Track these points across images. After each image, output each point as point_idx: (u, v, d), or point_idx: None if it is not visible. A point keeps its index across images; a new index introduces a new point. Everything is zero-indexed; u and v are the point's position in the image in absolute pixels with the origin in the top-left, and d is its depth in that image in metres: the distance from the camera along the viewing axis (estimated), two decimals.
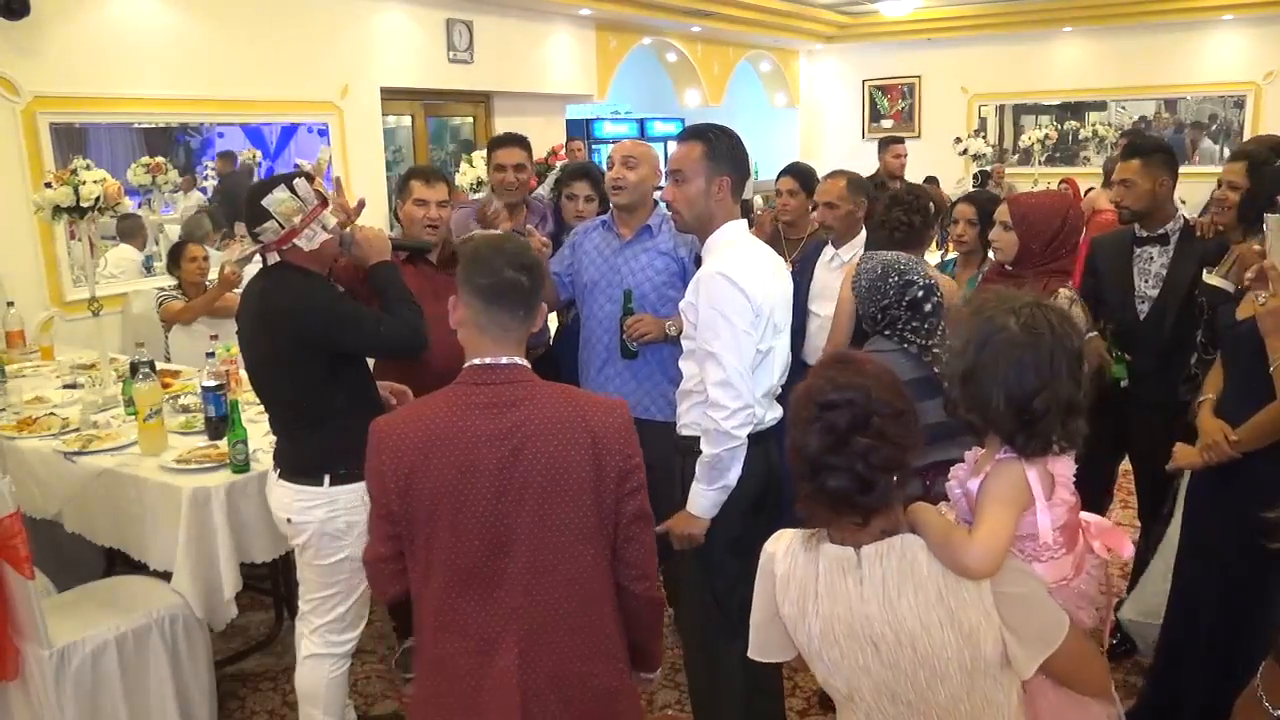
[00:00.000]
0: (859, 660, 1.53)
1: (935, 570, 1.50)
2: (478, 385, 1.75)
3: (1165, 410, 3.10)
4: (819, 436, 1.50)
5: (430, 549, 1.74)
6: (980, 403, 1.63)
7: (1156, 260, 3.16)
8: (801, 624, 1.58)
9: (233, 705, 3.25)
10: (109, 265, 5.68)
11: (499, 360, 1.76)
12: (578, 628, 1.79)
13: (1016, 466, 1.63)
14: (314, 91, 6.65)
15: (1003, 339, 1.61)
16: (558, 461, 1.73)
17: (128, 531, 3.01)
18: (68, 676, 2.61)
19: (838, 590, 1.53)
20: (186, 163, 6.62)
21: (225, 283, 4.69)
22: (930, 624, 1.48)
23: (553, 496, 1.73)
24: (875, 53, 12.78)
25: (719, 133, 2.50)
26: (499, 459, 1.71)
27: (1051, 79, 11.85)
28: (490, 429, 1.72)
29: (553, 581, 1.75)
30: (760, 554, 1.68)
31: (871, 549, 1.53)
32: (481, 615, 1.74)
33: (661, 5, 9.04)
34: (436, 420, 1.74)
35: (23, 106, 5.06)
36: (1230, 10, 10.49)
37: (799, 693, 3.27)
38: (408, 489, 1.72)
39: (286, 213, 2.43)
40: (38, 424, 3.40)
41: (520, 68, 8.51)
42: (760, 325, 2.41)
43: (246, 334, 2.60)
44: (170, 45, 5.76)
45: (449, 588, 1.74)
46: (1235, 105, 11.21)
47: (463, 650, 1.75)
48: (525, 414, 1.73)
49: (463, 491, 1.71)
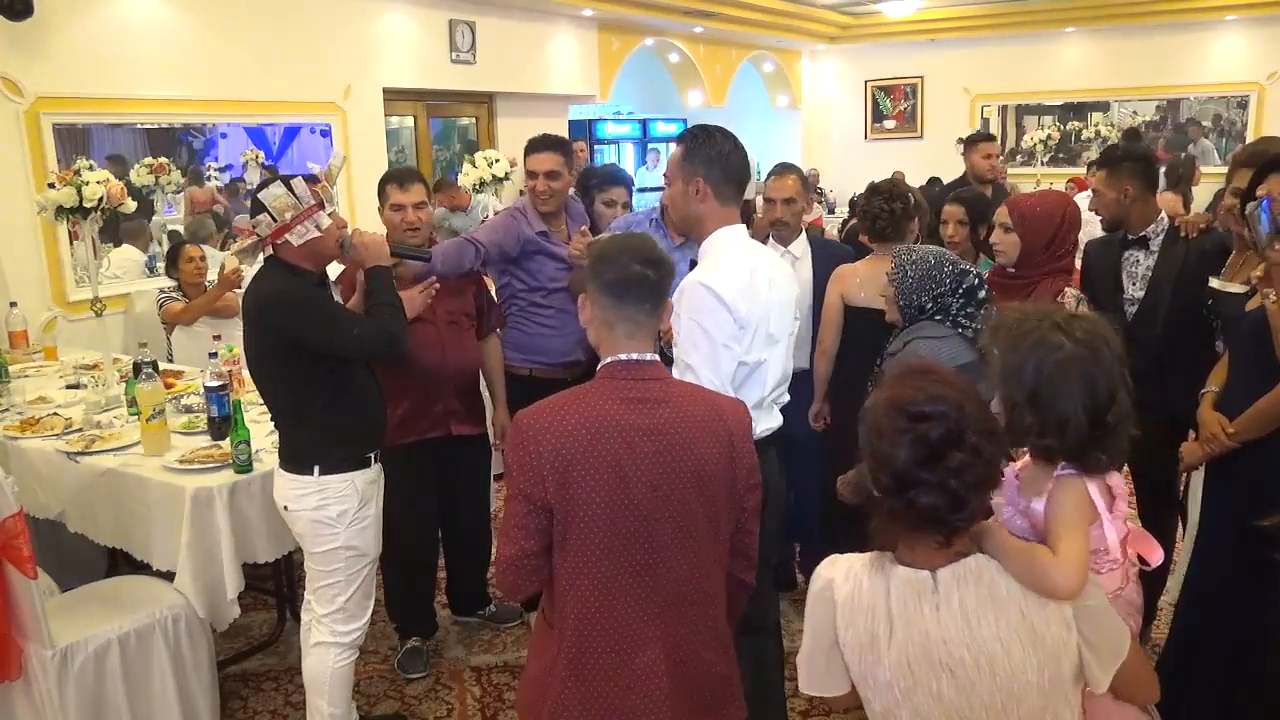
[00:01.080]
0: (932, 688, 1.46)
1: (1015, 591, 1.46)
2: (626, 380, 1.77)
3: (1159, 414, 3.10)
4: (910, 449, 1.43)
5: (586, 542, 1.73)
6: (1058, 425, 1.62)
7: (1142, 263, 3.17)
8: (869, 652, 1.49)
9: (235, 705, 3.25)
10: (112, 266, 5.70)
11: (643, 356, 1.79)
12: (704, 619, 1.84)
13: (1079, 483, 1.63)
14: (317, 92, 6.66)
15: (1063, 358, 1.62)
16: (703, 459, 1.76)
17: (130, 531, 3.01)
18: (70, 676, 2.62)
19: (912, 616, 1.46)
20: (189, 163, 6.63)
21: (226, 282, 4.70)
22: (1012, 646, 1.44)
23: (696, 492, 1.76)
24: (878, 53, 12.78)
25: (700, 134, 2.44)
26: (653, 453, 1.73)
27: (1054, 79, 11.84)
28: (645, 423, 1.73)
29: (693, 577, 1.79)
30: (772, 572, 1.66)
31: (948, 572, 1.47)
32: (633, 611, 1.75)
33: (664, 6, 9.04)
34: (594, 412, 1.73)
35: (26, 107, 5.07)
36: (1233, 10, 10.47)
37: (801, 695, 3.26)
38: (567, 479, 1.70)
39: (280, 208, 2.48)
40: (41, 424, 3.41)
41: (523, 68, 8.51)
42: (746, 338, 2.34)
43: (243, 328, 2.66)
44: (173, 46, 5.77)
45: (604, 582, 1.74)
46: (1239, 106, 11.19)
47: (606, 648, 1.75)
48: (672, 411, 1.76)
49: (622, 483, 1.71)
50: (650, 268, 1.78)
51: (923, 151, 11.85)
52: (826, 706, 3.18)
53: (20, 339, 4.67)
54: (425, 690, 3.32)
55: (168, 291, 4.85)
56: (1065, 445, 1.64)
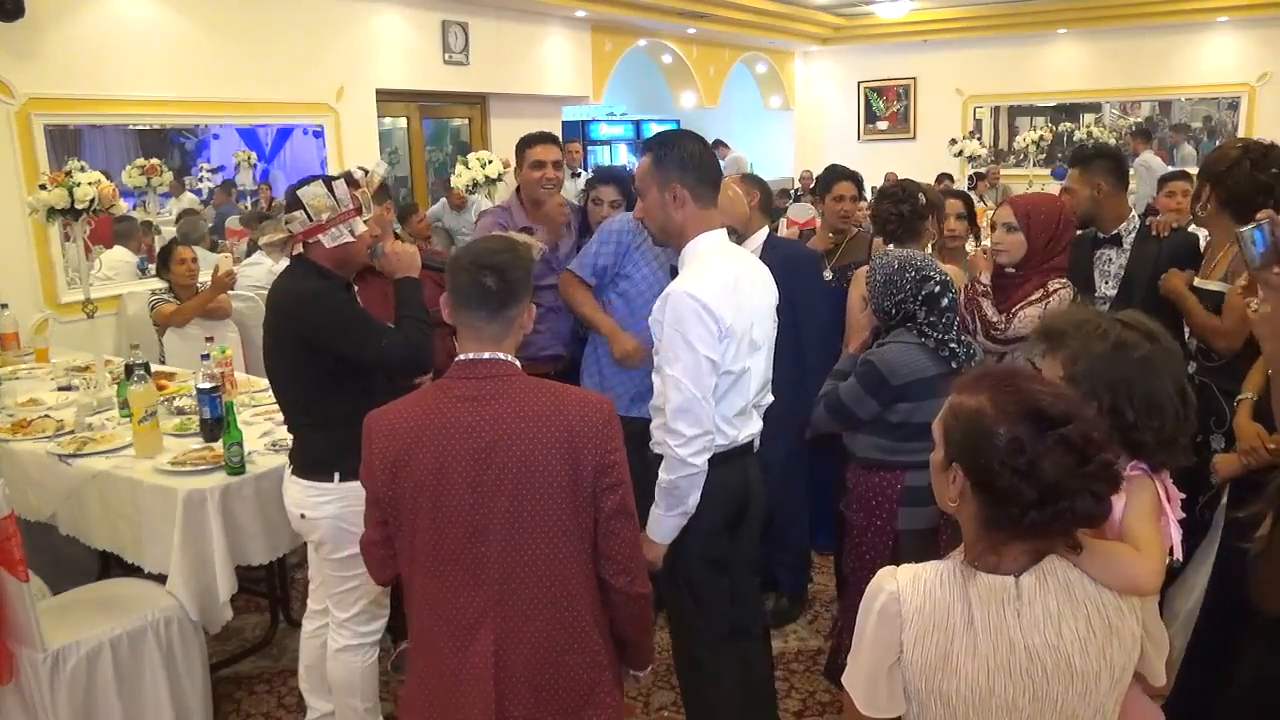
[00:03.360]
0: (1008, 698, 1.41)
1: (1091, 589, 1.45)
2: (460, 379, 1.82)
3: None
4: (1060, 453, 1.35)
5: (414, 535, 1.81)
6: (1157, 424, 1.63)
7: (1115, 261, 3.19)
8: (941, 669, 1.41)
9: (228, 708, 3.25)
10: (103, 267, 5.68)
11: (480, 355, 1.82)
12: (554, 619, 1.81)
13: (1149, 482, 1.64)
14: (309, 93, 6.65)
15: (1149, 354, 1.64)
16: (531, 456, 1.76)
17: (123, 534, 3.00)
18: (62, 679, 2.60)
19: (996, 625, 1.40)
20: (182, 165, 6.62)
21: (219, 284, 4.69)
22: (1090, 646, 1.43)
23: (526, 489, 1.77)
24: (871, 54, 12.82)
25: (666, 140, 2.40)
26: (474, 449, 1.76)
27: (1046, 81, 11.89)
28: (468, 420, 1.77)
29: (528, 572, 1.79)
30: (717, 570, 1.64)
31: (1030, 575, 1.42)
32: (461, 600, 1.80)
33: (657, 7, 9.05)
34: (422, 412, 1.81)
35: (17, 108, 5.06)
36: (1225, 12, 10.53)
37: (795, 694, 3.27)
38: (394, 477, 1.79)
39: (318, 207, 2.47)
40: (32, 426, 3.39)
41: (516, 69, 8.51)
42: (731, 346, 2.30)
43: (265, 325, 2.62)
44: (165, 47, 5.76)
45: (432, 572, 1.81)
46: (1229, 107, 11.25)
47: (446, 634, 1.82)
48: (501, 408, 1.78)
49: (442, 480, 1.77)
50: (489, 275, 1.80)
51: (915, 152, 11.89)
52: (821, 708, 3.20)
53: (11, 341, 4.65)
54: None
55: (159, 293, 4.83)
56: (1159, 440, 1.64)
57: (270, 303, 2.57)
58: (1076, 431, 1.36)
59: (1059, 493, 1.35)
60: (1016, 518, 1.36)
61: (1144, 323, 1.72)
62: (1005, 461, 1.35)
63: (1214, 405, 2.75)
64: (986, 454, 1.37)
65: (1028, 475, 1.34)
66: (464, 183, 7.00)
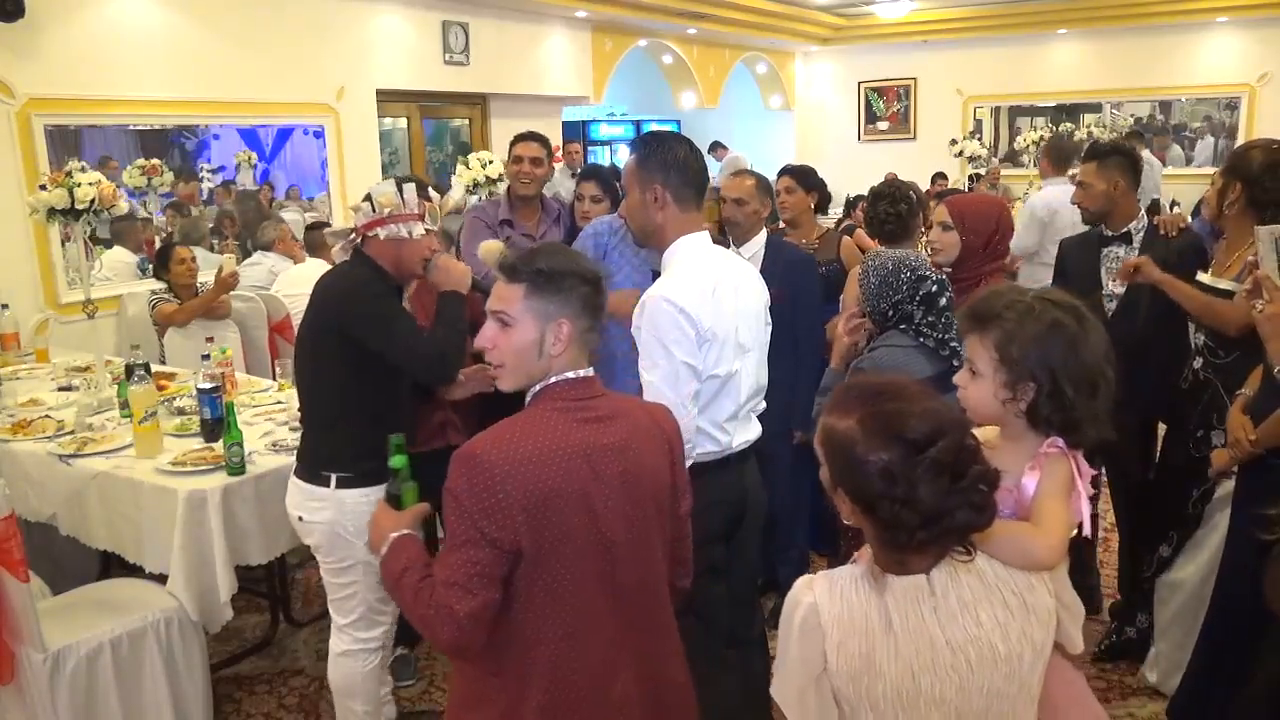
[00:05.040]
0: (936, 693, 1.42)
1: (1002, 570, 1.47)
2: (578, 400, 1.67)
3: (1133, 408, 3.12)
4: (932, 477, 1.35)
5: (555, 581, 1.60)
6: (1092, 400, 1.64)
7: (1123, 259, 3.18)
8: (866, 674, 1.41)
9: (228, 708, 3.25)
10: (103, 268, 5.68)
11: (589, 372, 1.71)
12: (667, 638, 1.79)
13: (1064, 460, 1.65)
14: (310, 93, 6.65)
15: (1077, 333, 1.64)
16: (657, 470, 1.71)
17: (123, 534, 3.00)
18: (62, 680, 2.61)
19: (915, 624, 1.41)
20: (183, 165, 6.61)
21: (223, 285, 4.68)
22: (1010, 628, 1.44)
23: (658, 507, 1.71)
24: (871, 55, 12.82)
25: (654, 140, 2.39)
26: (623, 473, 1.65)
27: (1046, 81, 11.88)
28: (608, 442, 1.65)
29: (653, 596, 1.74)
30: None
31: (940, 571, 1.44)
32: (605, 644, 1.66)
33: (657, 7, 9.04)
34: (560, 439, 1.61)
35: (17, 108, 5.06)
36: (1225, 12, 10.53)
37: None
38: (539, 517, 1.56)
39: (383, 202, 2.52)
40: (33, 426, 3.39)
41: (516, 70, 8.51)
42: (714, 350, 2.27)
43: (305, 313, 2.66)
44: (166, 47, 5.76)
45: (577, 622, 1.62)
46: (1229, 107, 11.25)
47: (582, 688, 1.64)
48: (623, 425, 1.69)
49: (593, 512, 1.61)
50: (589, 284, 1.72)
51: (916, 153, 11.89)
52: None
53: (11, 341, 4.65)
54: (418, 694, 3.32)
55: (159, 293, 4.83)
56: (1091, 415, 1.64)
57: (316, 289, 2.60)
58: (945, 450, 1.36)
59: (940, 513, 1.36)
60: (905, 541, 1.39)
61: (1068, 299, 1.73)
62: (884, 493, 1.37)
63: (1217, 402, 2.77)
64: (865, 483, 1.39)
65: (906, 503, 1.36)
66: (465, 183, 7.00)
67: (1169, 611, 3.02)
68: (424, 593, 1.61)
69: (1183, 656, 2.87)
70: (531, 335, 1.66)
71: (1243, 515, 2.59)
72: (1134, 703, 3.10)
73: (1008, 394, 1.65)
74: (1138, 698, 3.13)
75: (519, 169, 3.89)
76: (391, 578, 1.71)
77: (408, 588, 1.65)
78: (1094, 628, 3.55)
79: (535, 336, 1.66)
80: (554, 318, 1.65)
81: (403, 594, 1.67)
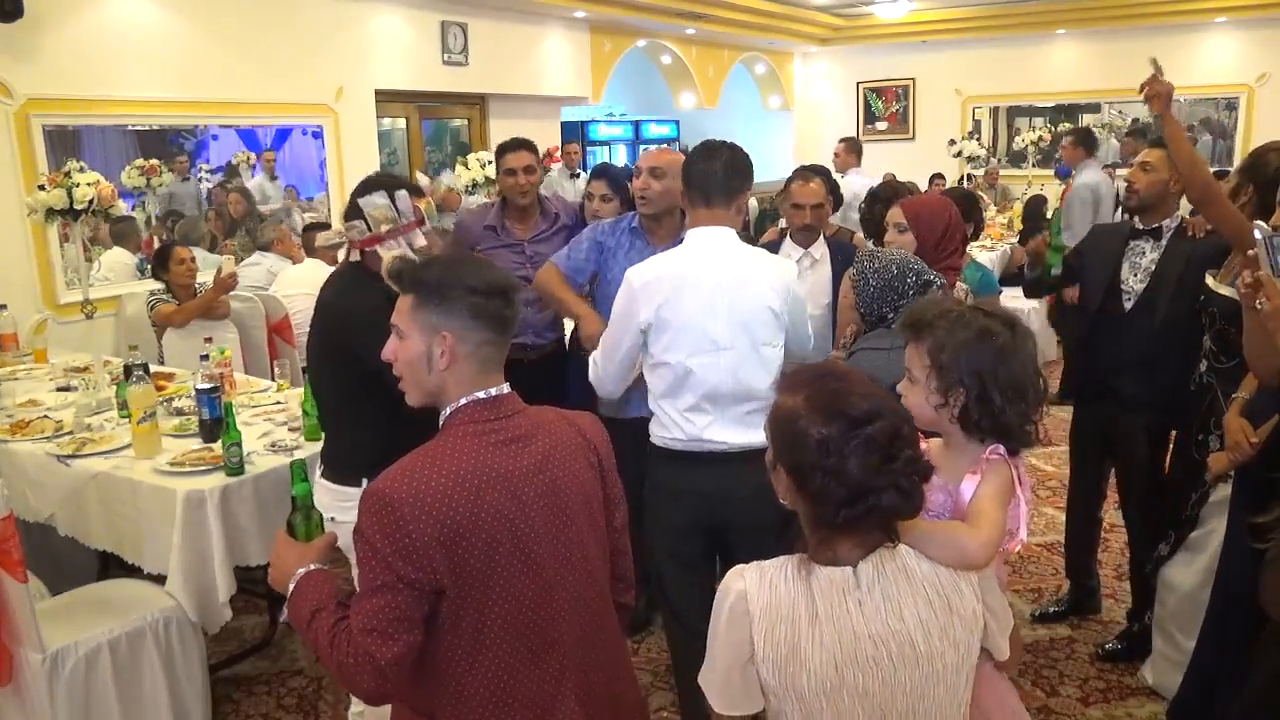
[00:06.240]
0: (859, 685, 1.44)
1: (928, 569, 1.49)
2: (487, 421, 1.58)
3: (1146, 411, 3.14)
4: (864, 455, 1.39)
5: (484, 613, 1.52)
6: (1021, 406, 1.68)
7: (1148, 255, 3.18)
8: (791, 663, 1.44)
9: (227, 709, 3.24)
10: (102, 268, 5.67)
11: (503, 390, 1.62)
12: (614, 655, 1.73)
13: (1005, 466, 1.68)
14: (308, 94, 6.65)
15: (1007, 343, 1.68)
16: (584, 487, 1.64)
17: (122, 534, 3.00)
18: (61, 680, 2.61)
19: (838, 615, 1.44)
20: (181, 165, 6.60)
21: (222, 285, 4.67)
22: (931, 627, 1.46)
23: (588, 525, 1.64)
24: (870, 55, 12.82)
25: (695, 150, 2.58)
26: (543, 494, 1.58)
27: (1045, 81, 11.89)
28: (525, 464, 1.57)
29: (591, 615, 1.66)
30: None
31: (867, 564, 1.46)
32: (545, 671, 1.58)
33: (656, 7, 9.05)
34: (470, 467, 1.52)
35: (16, 109, 5.06)
36: (1223, 13, 10.54)
37: None
38: (453, 551, 1.48)
39: (378, 218, 2.45)
40: (31, 427, 3.39)
41: (515, 70, 8.51)
42: (665, 336, 2.41)
43: (311, 320, 2.64)
44: (164, 47, 5.76)
45: (512, 651, 1.55)
46: (1228, 108, 11.26)
47: (523, 717, 1.57)
48: (542, 443, 1.61)
49: (518, 538, 1.54)
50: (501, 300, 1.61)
51: (915, 153, 11.89)
52: None
53: (10, 342, 4.65)
54: None
55: (158, 294, 4.82)
56: (1022, 420, 1.69)
57: (318, 306, 2.57)
58: (881, 430, 1.41)
59: (866, 489, 1.40)
60: (830, 517, 1.42)
61: (1001, 311, 1.81)
62: (816, 463, 1.41)
63: (1215, 406, 2.77)
64: (801, 455, 1.43)
65: (836, 474, 1.40)
66: (464, 183, 7.01)
67: (1168, 613, 3.03)
68: (340, 639, 1.50)
69: (1181, 658, 2.87)
70: (419, 348, 1.59)
71: (1239, 519, 2.59)
72: (1133, 703, 3.11)
73: (940, 399, 1.70)
74: (1137, 698, 3.13)
75: (514, 181, 3.76)
76: (300, 621, 1.59)
77: (321, 632, 1.53)
78: (1094, 628, 3.56)
79: (423, 349, 1.58)
80: (438, 330, 1.57)
81: (316, 639, 1.54)
